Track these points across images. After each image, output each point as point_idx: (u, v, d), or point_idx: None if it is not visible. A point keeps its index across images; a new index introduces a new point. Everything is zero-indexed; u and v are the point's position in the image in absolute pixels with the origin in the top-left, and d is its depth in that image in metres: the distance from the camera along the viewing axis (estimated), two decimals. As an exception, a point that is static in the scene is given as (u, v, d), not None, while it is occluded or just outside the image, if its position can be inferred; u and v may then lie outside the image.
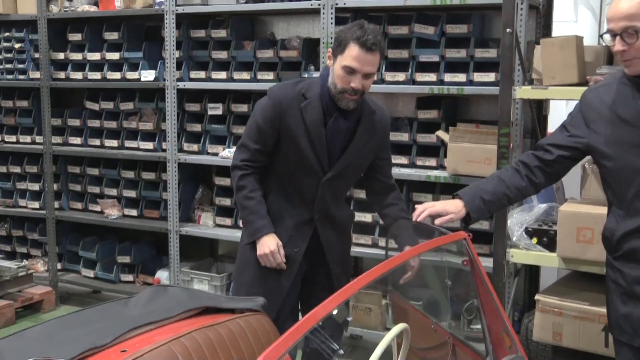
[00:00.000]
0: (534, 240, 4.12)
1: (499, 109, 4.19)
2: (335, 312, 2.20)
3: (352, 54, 3.18)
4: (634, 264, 2.95)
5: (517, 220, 4.12)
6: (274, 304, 3.40)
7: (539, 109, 4.90)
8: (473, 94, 4.90)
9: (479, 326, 2.90)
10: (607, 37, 2.91)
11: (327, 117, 3.38)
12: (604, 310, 3.74)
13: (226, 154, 5.58)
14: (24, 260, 6.71)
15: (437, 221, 3.08)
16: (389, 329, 2.38)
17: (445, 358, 2.98)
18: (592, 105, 3.04)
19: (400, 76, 4.96)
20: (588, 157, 3.27)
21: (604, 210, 3.70)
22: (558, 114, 5.26)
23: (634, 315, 2.97)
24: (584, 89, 3.96)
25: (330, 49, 3.36)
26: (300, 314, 3.67)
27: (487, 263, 4.29)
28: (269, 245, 3.40)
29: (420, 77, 4.93)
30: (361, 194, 5.16)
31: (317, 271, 3.66)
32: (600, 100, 3.01)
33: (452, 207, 3.09)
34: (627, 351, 3.07)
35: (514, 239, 4.14)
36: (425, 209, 3.14)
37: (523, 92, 4.19)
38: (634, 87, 2.88)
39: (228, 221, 5.78)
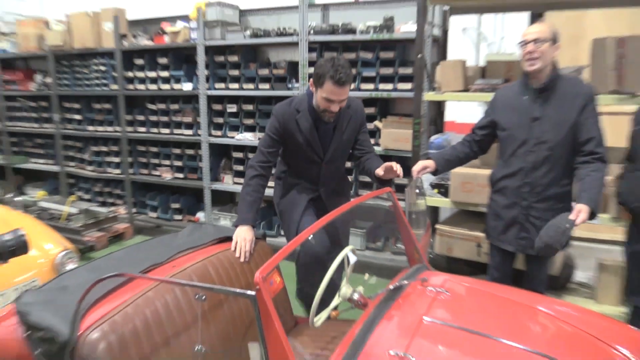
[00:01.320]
0: (436, 190, 4.18)
1: (413, 106, 4.24)
2: (310, 237, 2.23)
3: (328, 89, 2.88)
4: (502, 197, 3.11)
5: (426, 177, 4.15)
6: (297, 213, 3.23)
7: (439, 106, 4.93)
8: (398, 97, 4.90)
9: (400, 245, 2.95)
10: None
11: (316, 122, 3.11)
12: (478, 233, 3.81)
13: (239, 137, 5.57)
14: (112, 207, 6.69)
15: (420, 173, 3.18)
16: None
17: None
18: (498, 97, 3.17)
19: (351, 86, 4.95)
20: None
21: (480, 171, 3.75)
22: (451, 110, 5.29)
23: (498, 227, 3.15)
24: (468, 94, 4.05)
25: (311, 79, 3.00)
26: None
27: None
28: (242, 235, 2.87)
29: (364, 86, 4.94)
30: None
31: None
32: (503, 95, 3.14)
33: (429, 164, 3.23)
34: (495, 251, 3.24)
35: (424, 189, 4.19)
36: (418, 169, 3.19)
37: (429, 96, 4.22)
38: (522, 87, 3.01)
39: (241, 180, 5.71)
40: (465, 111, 5.43)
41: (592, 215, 2.74)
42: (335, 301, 2.29)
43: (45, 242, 3.72)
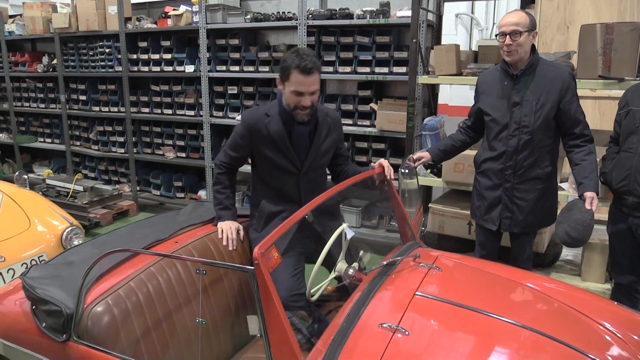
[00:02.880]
0: (429, 170, 4.16)
1: (408, 89, 4.20)
2: (307, 216, 2.21)
3: (296, 80, 2.49)
4: (485, 178, 3.11)
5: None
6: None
7: (433, 89, 4.89)
8: (393, 80, 4.85)
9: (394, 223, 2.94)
10: None
11: (289, 127, 2.62)
12: (468, 212, 3.81)
13: (240, 118, 5.52)
14: (116, 184, 6.67)
15: (416, 164, 3.26)
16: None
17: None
18: (480, 83, 3.14)
19: (348, 69, 4.91)
20: None
21: (471, 152, 3.73)
22: (444, 93, 5.25)
23: (482, 207, 3.15)
24: (460, 77, 4.01)
25: (278, 77, 2.60)
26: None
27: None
28: (227, 225, 2.66)
29: (360, 69, 4.88)
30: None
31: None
32: (485, 81, 3.11)
33: (424, 155, 3.25)
34: (479, 230, 3.24)
35: (417, 169, 4.18)
36: (415, 157, 3.26)
37: (423, 79, 4.18)
38: (503, 73, 2.98)
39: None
40: (458, 94, 5.40)
41: None
42: (331, 276, 2.29)
43: (52, 218, 3.71)
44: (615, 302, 2.42)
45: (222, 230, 2.66)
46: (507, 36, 2.80)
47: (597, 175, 2.83)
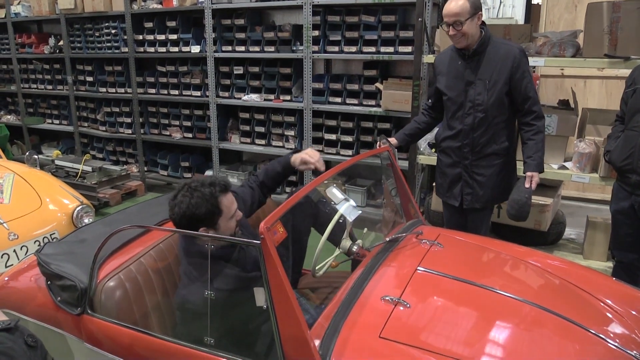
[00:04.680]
0: (433, 150, 4.19)
1: (413, 69, 4.22)
2: (310, 195, 2.27)
3: (228, 201, 2.17)
4: (446, 156, 3.20)
5: (424, 137, 4.16)
6: None
7: (439, 69, 4.89)
8: (398, 59, 4.83)
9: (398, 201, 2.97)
10: None
11: None
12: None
13: (246, 98, 5.56)
14: (124, 165, 6.74)
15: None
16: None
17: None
18: (437, 64, 3.21)
19: (353, 48, 4.91)
20: None
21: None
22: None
23: (444, 184, 3.24)
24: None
25: (203, 229, 2.12)
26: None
27: (406, 164, 4.39)
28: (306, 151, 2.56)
29: (365, 49, 4.87)
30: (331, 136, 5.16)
31: None
32: (441, 62, 3.18)
33: (391, 140, 3.22)
34: (444, 206, 3.35)
35: (421, 149, 4.22)
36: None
37: (428, 58, 4.19)
38: (456, 53, 3.05)
39: (248, 140, 5.80)
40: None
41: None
42: (336, 252, 2.35)
43: (63, 197, 3.79)
44: (614, 279, 2.48)
45: (309, 155, 2.56)
46: (451, 26, 2.87)
47: (542, 155, 2.93)
